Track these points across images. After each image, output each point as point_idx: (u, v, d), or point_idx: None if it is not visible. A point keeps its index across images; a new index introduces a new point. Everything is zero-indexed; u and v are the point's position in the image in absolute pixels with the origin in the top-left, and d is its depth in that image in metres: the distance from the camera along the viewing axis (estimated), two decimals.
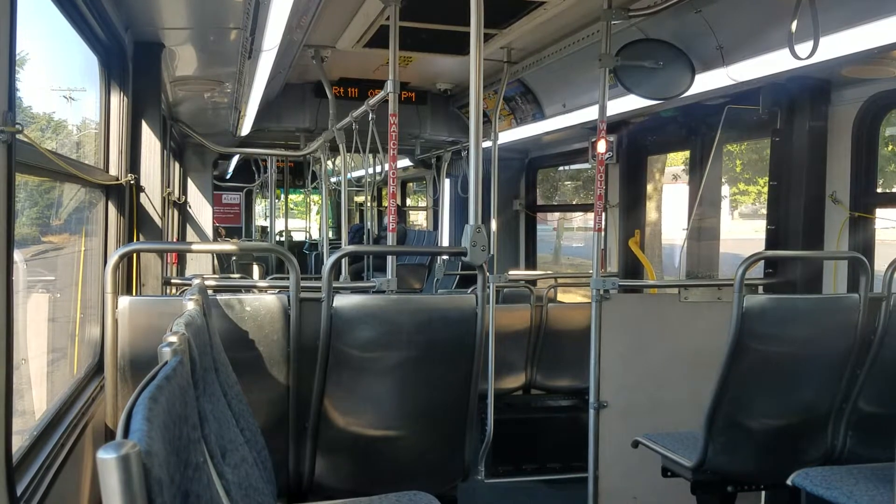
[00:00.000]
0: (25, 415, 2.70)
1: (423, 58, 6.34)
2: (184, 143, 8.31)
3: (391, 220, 4.28)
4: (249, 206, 16.08)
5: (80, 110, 4.41)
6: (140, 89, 4.13)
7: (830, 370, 3.50)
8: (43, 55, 3.71)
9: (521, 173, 8.86)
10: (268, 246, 4.84)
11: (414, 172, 11.75)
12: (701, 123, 5.72)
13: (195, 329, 1.99)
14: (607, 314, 4.30)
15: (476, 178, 3.07)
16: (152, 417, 1.13)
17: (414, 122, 7.92)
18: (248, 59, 4.61)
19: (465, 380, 3.20)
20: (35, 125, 3.67)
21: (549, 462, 5.66)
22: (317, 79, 6.73)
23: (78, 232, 4.09)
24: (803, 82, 4.46)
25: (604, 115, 4.27)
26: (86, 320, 3.72)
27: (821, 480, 3.19)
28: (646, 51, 4.46)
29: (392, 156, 4.29)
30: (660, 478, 3.82)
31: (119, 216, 3.89)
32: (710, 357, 3.47)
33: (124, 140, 3.97)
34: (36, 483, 2.10)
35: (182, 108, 6.60)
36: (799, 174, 4.61)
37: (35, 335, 3.25)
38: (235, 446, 2.08)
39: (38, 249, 3.70)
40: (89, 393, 3.07)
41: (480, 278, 3.14)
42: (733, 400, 3.41)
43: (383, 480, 3.23)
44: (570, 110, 6.30)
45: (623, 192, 6.77)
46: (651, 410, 4.31)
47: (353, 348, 3.10)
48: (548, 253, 11.13)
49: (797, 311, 3.48)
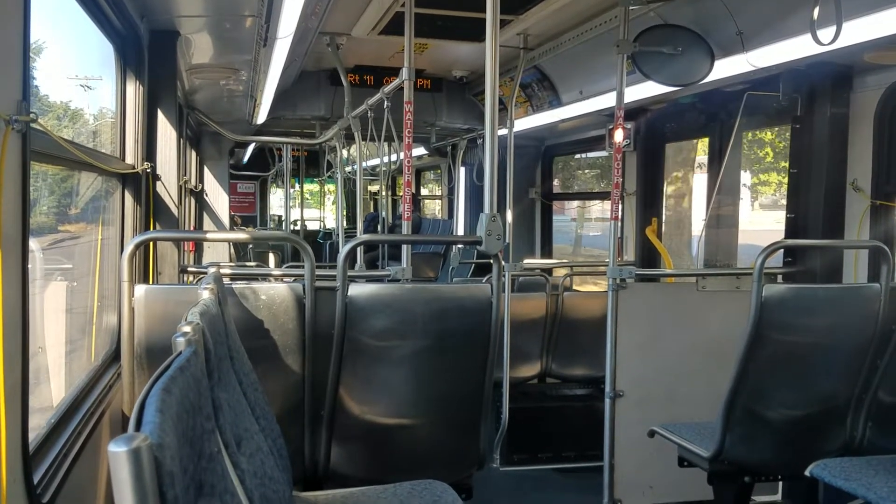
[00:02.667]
0: (43, 403, 2.72)
1: (438, 45, 6.30)
2: (200, 131, 8.33)
3: (406, 209, 4.27)
4: (264, 195, 16.12)
5: (98, 99, 4.43)
6: (156, 78, 4.13)
7: (850, 360, 3.45)
8: (59, 44, 3.72)
9: (538, 161, 8.81)
10: (283, 235, 4.85)
11: (428, 161, 11.72)
12: (720, 110, 5.65)
13: (210, 318, 1.99)
14: (623, 303, 4.27)
15: (491, 166, 3.04)
16: (165, 409, 1.12)
17: (429, 109, 7.88)
18: (263, 47, 4.60)
19: (480, 369, 3.20)
20: (52, 114, 3.69)
21: (565, 451, 5.66)
22: (332, 66, 6.71)
23: (95, 220, 4.11)
24: (824, 68, 4.38)
25: (621, 103, 4.22)
26: (103, 308, 3.75)
27: (839, 471, 3.16)
28: (664, 36, 4.40)
29: (407, 144, 4.27)
30: (676, 468, 3.80)
31: (135, 205, 3.91)
32: (727, 347, 3.44)
33: (140, 129, 3.97)
34: (53, 472, 2.11)
35: (198, 96, 6.61)
36: (819, 162, 4.54)
37: (53, 323, 3.27)
38: (251, 435, 2.08)
39: (55, 238, 3.73)
40: (106, 381, 3.09)
41: (496, 267, 3.13)
42: (751, 390, 3.38)
43: (398, 469, 3.23)
44: (587, 97, 6.24)
45: (640, 180, 6.71)
46: (667, 400, 4.29)
47: (368, 337, 3.09)
48: (567, 244, 11.00)
49: (817, 301, 3.44)
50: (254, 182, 15.55)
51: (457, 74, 7.60)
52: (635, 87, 4.97)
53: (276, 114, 7.53)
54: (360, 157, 6.04)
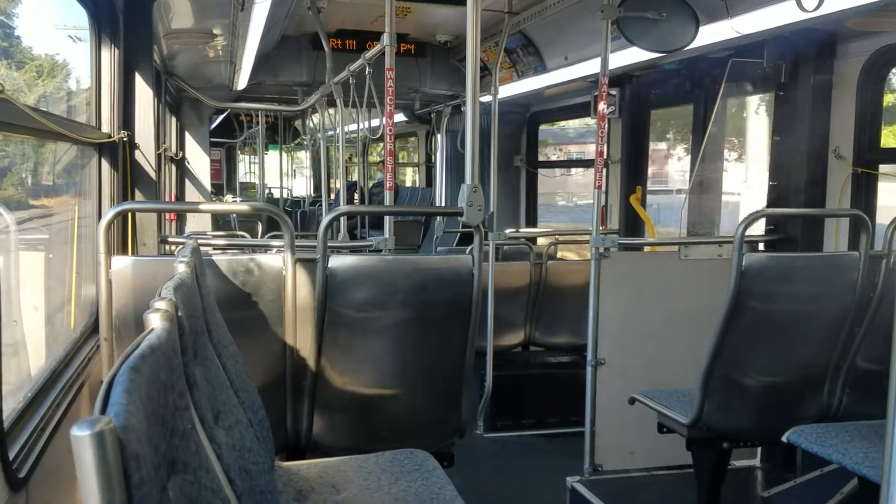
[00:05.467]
0: (20, 376, 2.69)
1: (422, 8, 6.20)
2: (180, 97, 8.20)
3: (388, 177, 4.23)
4: (231, 162, 15.99)
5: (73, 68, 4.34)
6: (132, 43, 4.04)
7: (829, 328, 3.48)
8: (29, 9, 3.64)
9: (523, 128, 8.75)
10: (261, 206, 4.78)
11: (403, 128, 11.55)
12: (704, 76, 5.62)
13: (185, 292, 1.96)
14: (606, 272, 4.28)
15: (473, 134, 3.01)
16: (133, 389, 1.11)
17: (413, 75, 7.78)
18: (241, 11, 4.52)
19: (462, 340, 3.20)
20: (31, 66, 3.61)
21: (548, 417, 5.71)
22: (314, 31, 6.60)
23: (73, 189, 4.05)
24: (809, 35, 4.36)
25: (606, 69, 4.18)
26: (82, 280, 3.71)
27: (815, 437, 3.20)
28: (649, 2, 4.34)
29: (389, 111, 4.22)
30: (655, 434, 3.84)
31: (113, 174, 3.85)
32: (709, 315, 3.46)
33: (116, 96, 3.90)
34: (30, 446, 2.10)
35: (177, 61, 6.49)
36: (802, 129, 4.54)
37: (29, 295, 3.23)
38: (229, 408, 2.07)
39: (32, 211, 3.67)
40: (85, 353, 3.07)
41: (477, 238, 3.11)
42: (730, 358, 3.40)
43: (380, 438, 3.25)
44: (572, 63, 6.19)
45: (626, 148, 6.69)
46: (648, 368, 4.32)
47: (349, 308, 3.08)
48: (564, 221, 10.64)
49: (796, 269, 3.45)
50: (220, 149, 15.40)
51: (441, 39, 7.50)
52: (621, 52, 4.93)
53: (256, 79, 7.41)
54: (343, 124, 5.97)
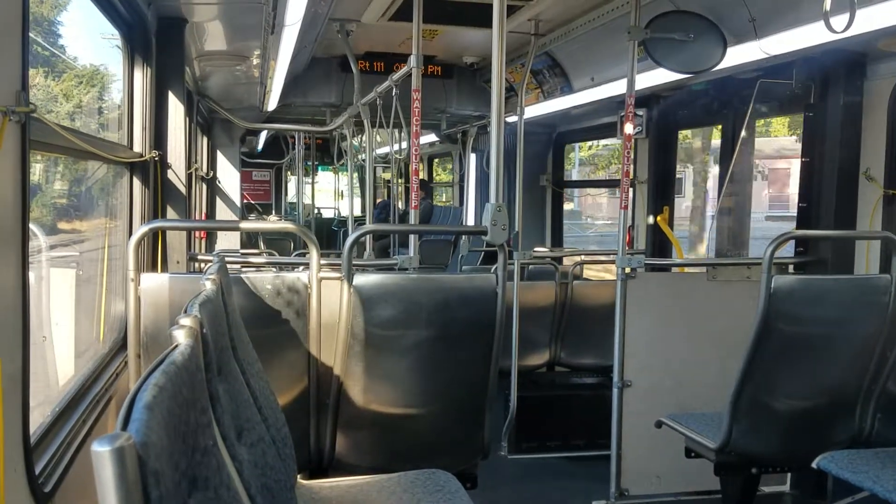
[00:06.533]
0: (48, 392, 2.73)
1: (449, 30, 6.26)
2: (212, 118, 8.33)
3: (414, 197, 4.26)
4: (280, 182, 16.15)
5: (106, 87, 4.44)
6: (164, 65, 4.12)
7: (859, 352, 3.42)
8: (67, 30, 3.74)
9: (549, 148, 8.75)
10: (289, 226, 4.85)
11: (441, 148, 11.67)
12: (733, 97, 5.59)
13: (211, 309, 1.98)
14: (633, 292, 4.24)
15: (498, 154, 3.02)
16: (154, 405, 1.12)
17: (440, 96, 7.84)
18: (271, 34, 4.59)
19: (485, 360, 3.19)
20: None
21: (573, 439, 5.65)
22: (343, 53, 6.68)
23: (105, 206, 4.13)
24: (838, 55, 4.32)
25: (632, 90, 4.18)
26: (111, 296, 3.76)
27: (847, 463, 3.13)
28: (676, 23, 4.34)
29: (415, 132, 4.25)
30: (683, 458, 3.79)
31: (144, 192, 3.91)
32: (737, 337, 3.42)
33: (149, 116, 3.97)
34: (56, 461, 2.12)
35: (209, 83, 6.60)
36: (832, 150, 4.48)
37: (60, 311, 3.29)
38: (252, 425, 2.08)
39: (63, 229, 3.74)
40: (113, 369, 3.10)
41: (501, 257, 3.11)
42: (759, 381, 3.35)
43: (403, 458, 3.24)
44: (598, 84, 6.19)
45: (652, 168, 6.66)
46: (676, 390, 4.27)
47: (374, 326, 3.09)
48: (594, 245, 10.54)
49: (826, 292, 3.40)
50: (269, 170, 15.56)
51: (467, 61, 7.55)
52: (647, 73, 4.92)
53: (286, 101, 7.52)
54: (370, 145, 6.02)
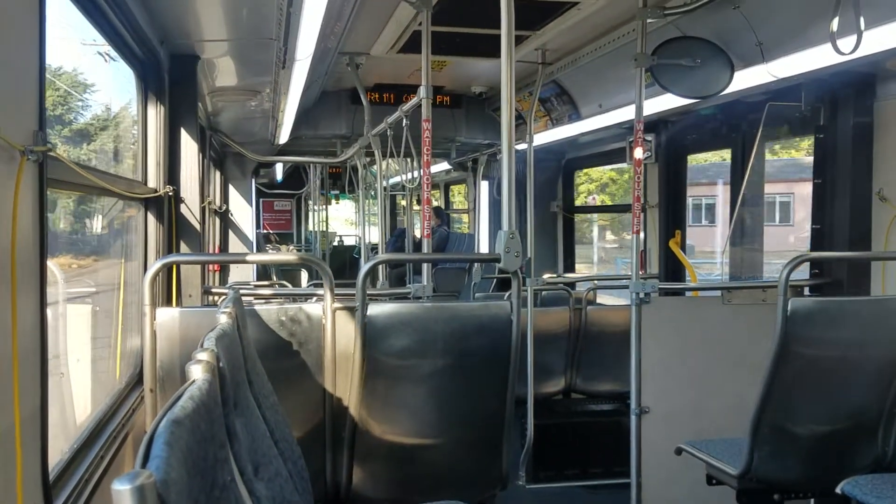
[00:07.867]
0: (66, 429, 2.73)
1: (457, 61, 6.32)
2: (224, 152, 8.42)
3: (425, 225, 4.27)
4: (300, 212, 16.25)
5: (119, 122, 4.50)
6: (177, 101, 4.18)
7: (880, 374, 3.38)
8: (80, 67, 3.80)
9: (559, 174, 8.78)
10: (301, 257, 4.88)
11: (456, 175, 11.74)
12: (742, 121, 5.59)
13: (227, 342, 1.99)
14: (648, 317, 4.22)
15: (509, 182, 3.02)
16: (173, 441, 1.12)
17: (449, 125, 7.90)
18: (282, 69, 4.64)
19: (502, 387, 3.17)
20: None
21: (592, 467, 5.59)
22: (353, 86, 6.75)
23: (121, 241, 4.16)
24: (847, 77, 4.32)
25: (640, 116, 4.19)
26: (127, 331, 3.78)
27: (871, 489, 3.08)
28: (683, 48, 4.36)
29: (426, 161, 4.27)
30: (704, 485, 3.73)
31: (158, 227, 3.95)
32: (754, 361, 3.38)
33: (162, 152, 4.02)
34: (74, 498, 2.12)
35: (221, 117, 6.69)
36: (844, 172, 4.47)
37: (77, 346, 3.30)
38: (269, 459, 2.08)
39: (81, 260, 3.77)
40: (130, 404, 3.11)
41: (515, 284, 3.10)
42: (779, 405, 3.31)
43: (421, 488, 3.22)
44: (606, 110, 6.21)
45: (663, 192, 6.66)
46: (694, 416, 4.22)
47: (388, 356, 3.09)
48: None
49: (844, 314, 3.37)
50: (290, 200, 15.70)
51: (476, 90, 7.61)
52: (655, 99, 4.93)
53: (297, 133, 7.59)
54: (381, 175, 6.06)
